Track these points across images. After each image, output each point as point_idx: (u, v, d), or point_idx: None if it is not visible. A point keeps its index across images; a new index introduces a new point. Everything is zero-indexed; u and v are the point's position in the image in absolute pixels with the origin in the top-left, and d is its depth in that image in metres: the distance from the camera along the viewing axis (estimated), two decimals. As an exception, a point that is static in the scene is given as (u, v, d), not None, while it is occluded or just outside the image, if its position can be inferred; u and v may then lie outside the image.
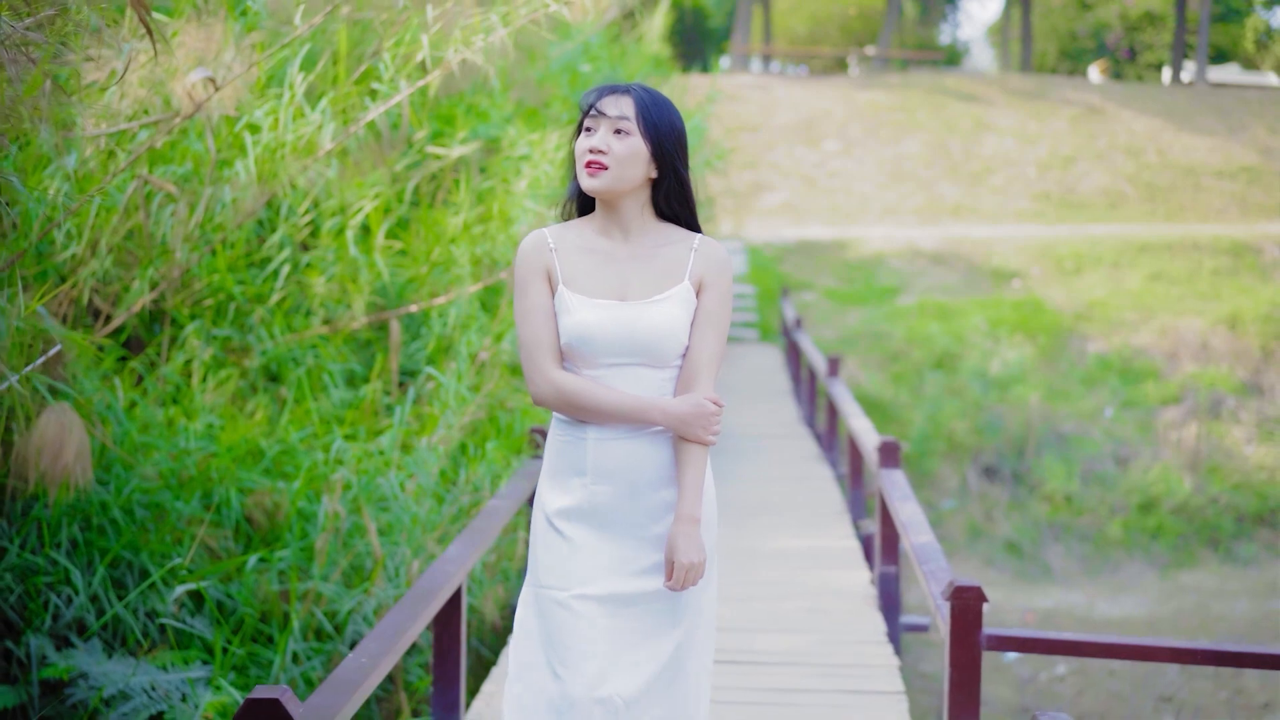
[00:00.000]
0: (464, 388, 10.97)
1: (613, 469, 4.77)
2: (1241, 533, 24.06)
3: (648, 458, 4.77)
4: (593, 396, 4.72)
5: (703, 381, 4.77)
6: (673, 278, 4.81)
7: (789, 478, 15.67)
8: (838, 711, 7.86)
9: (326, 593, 8.92)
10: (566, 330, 4.74)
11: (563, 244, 4.84)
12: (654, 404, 4.71)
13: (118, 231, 9.76)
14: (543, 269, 4.80)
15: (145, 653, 8.39)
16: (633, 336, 4.73)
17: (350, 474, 9.60)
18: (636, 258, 4.83)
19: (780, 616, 9.81)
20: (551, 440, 4.93)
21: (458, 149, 12.28)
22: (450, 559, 6.87)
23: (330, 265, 11.39)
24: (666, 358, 4.77)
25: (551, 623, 4.75)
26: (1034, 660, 18.84)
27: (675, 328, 4.74)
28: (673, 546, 4.65)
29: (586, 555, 4.76)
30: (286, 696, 4.37)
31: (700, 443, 4.72)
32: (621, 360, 4.75)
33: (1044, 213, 38.31)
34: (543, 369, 4.77)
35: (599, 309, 4.73)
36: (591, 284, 4.79)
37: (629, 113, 4.73)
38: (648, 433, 4.78)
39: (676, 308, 4.76)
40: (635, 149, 4.73)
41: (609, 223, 4.84)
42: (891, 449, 9.91)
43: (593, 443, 4.77)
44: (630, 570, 4.76)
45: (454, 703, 7.07)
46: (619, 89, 4.79)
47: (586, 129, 4.77)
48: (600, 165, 4.70)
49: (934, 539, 7.54)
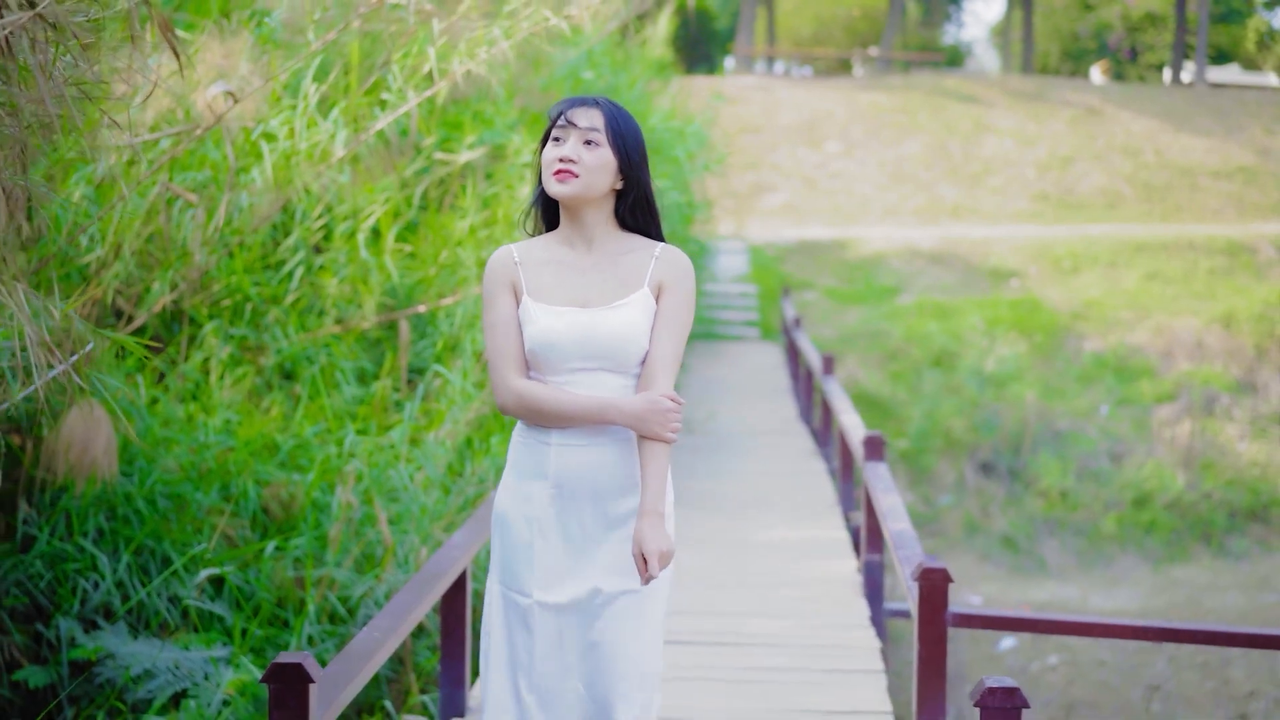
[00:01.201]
0: (470, 385, 11.21)
1: (574, 474, 4.86)
2: (1234, 528, 24.25)
3: (609, 464, 4.87)
4: (552, 400, 4.81)
5: (660, 381, 4.83)
6: (633, 284, 4.90)
7: (784, 472, 15.96)
8: (820, 689, 8.28)
9: (340, 578, 9.19)
10: (531, 338, 4.85)
11: (527, 258, 4.95)
12: (611, 404, 4.79)
13: (140, 235, 10.10)
14: (508, 282, 4.92)
15: (169, 635, 8.78)
16: (594, 341, 4.82)
17: (362, 466, 9.87)
18: (599, 266, 4.93)
19: (769, 602, 10.21)
20: (514, 445, 5.03)
21: (465, 155, 12.51)
22: (456, 545, 7.28)
23: (342, 267, 11.65)
24: (628, 362, 4.86)
25: (512, 625, 4.91)
26: (1026, 651, 19.17)
27: (635, 333, 4.83)
28: (640, 538, 4.70)
29: (545, 560, 4.87)
30: (309, 661, 4.81)
31: (659, 439, 4.78)
32: (584, 365, 4.84)
33: (1042, 213, 38.26)
34: (505, 378, 4.88)
35: (561, 316, 4.84)
36: (554, 293, 4.89)
37: (598, 124, 4.82)
38: (610, 440, 4.87)
39: (636, 313, 4.86)
40: (604, 160, 4.82)
41: (573, 233, 4.94)
42: (876, 443, 10.37)
43: (555, 448, 4.87)
44: (586, 576, 4.86)
45: (460, 677, 7.53)
46: (588, 101, 4.87)
47: (555, 139, 4.84)
48: (570, 173, 4.79)
49: (910, 527, 8.01)
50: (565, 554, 4.87)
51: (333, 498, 9.75)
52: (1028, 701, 4.82)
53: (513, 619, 4.90)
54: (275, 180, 10.83)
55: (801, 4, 69.41)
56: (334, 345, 11.47)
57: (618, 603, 4.84)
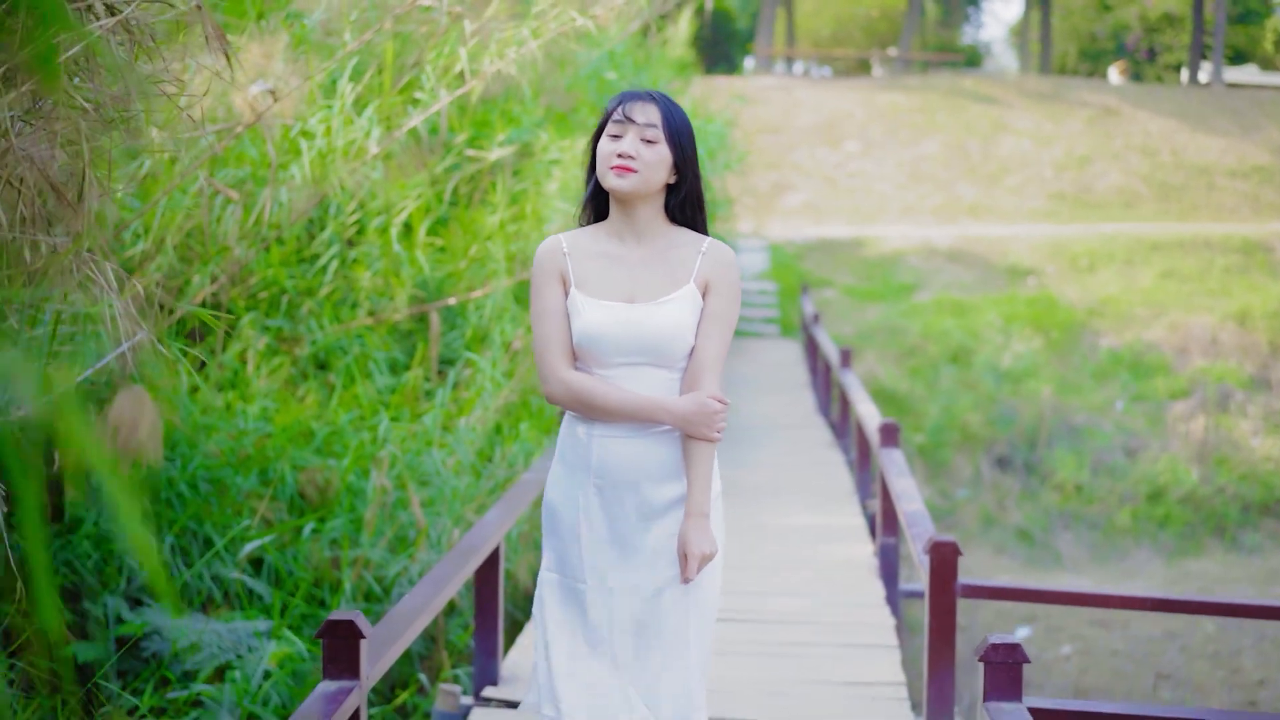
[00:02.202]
0: (499, 373, 11.53)
1: (617, 466, 4.89)
2: (1247, 522, 24.42)
3: (651, 457, 4.90)
4: (602, 395, 4.82)
5: (707, 380, 4.87)
6: (679, 280, 4.92)
7: (803, 463, 16.24)
8: (838, 661, 8.66)
9: (374, 558, 9.50)
10: (577, 331, 4.86)
11: (576, 249, 4.96)
12: (660, 403, 4.82)
13: (181, 230, 10.47)
14: (556, 272, 4.92)
15: (212, 612, 9.13)
16: (640, 337, 4.84)
17: (396, 451, 10.16)
18: (646, 260, 4.94)
19: (789, 583, 10.56)
20: (561, 436, 5.07)
21: (495, 152, 12.78)
22: (489, 523, 7.68)
23: (375, 261, 11.92)
24: (673, 358, 4.89)
25: (569, 611, 4.97)
26: (1040, 640, 19.42)
27: (681, 329, 4.86)
28: (685, 540, 4.80)
29: (594, 548, 4.93)
30: (359, 619, 5.17)
31: (706, 440, 4.83)
32: (630, 360, 4.86)
33: (1059, 212, 38.30)
34: (555, 368, 4.89)
35: (607, 310, 4.86)
36: (602, 286, 4.91)
37: (656, 121, 4.84)
38: (652, 432, 4.90)
39: (682, 309, 4.88)
40: (661, 156, 4.84)
41: (623, 226, 4.95)
42: (890, 430, 10.72)
43: (599, 440, 4.90)
44: (632, 565, 4.92)
45: (492, 648, 7.93)
46: (645, 97, 4.88)
47: (613, 134, 4.86)
48: (629, 169, 4.81)
49: (923, 508, 8.36)
50: (611, 543, 4.93)
51: (367, 482, 10.02)
52: (1028, 657, 5.15)
53: (569, 604, 4.96)
54: (312, 176, 11.09)
55: (821, 5, 69.31)
56: (367, 336, 11.72)
57: (665, 593, 4.91)
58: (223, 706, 8.02)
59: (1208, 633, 19.98)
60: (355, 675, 5.13)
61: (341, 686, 5.08)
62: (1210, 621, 20.19)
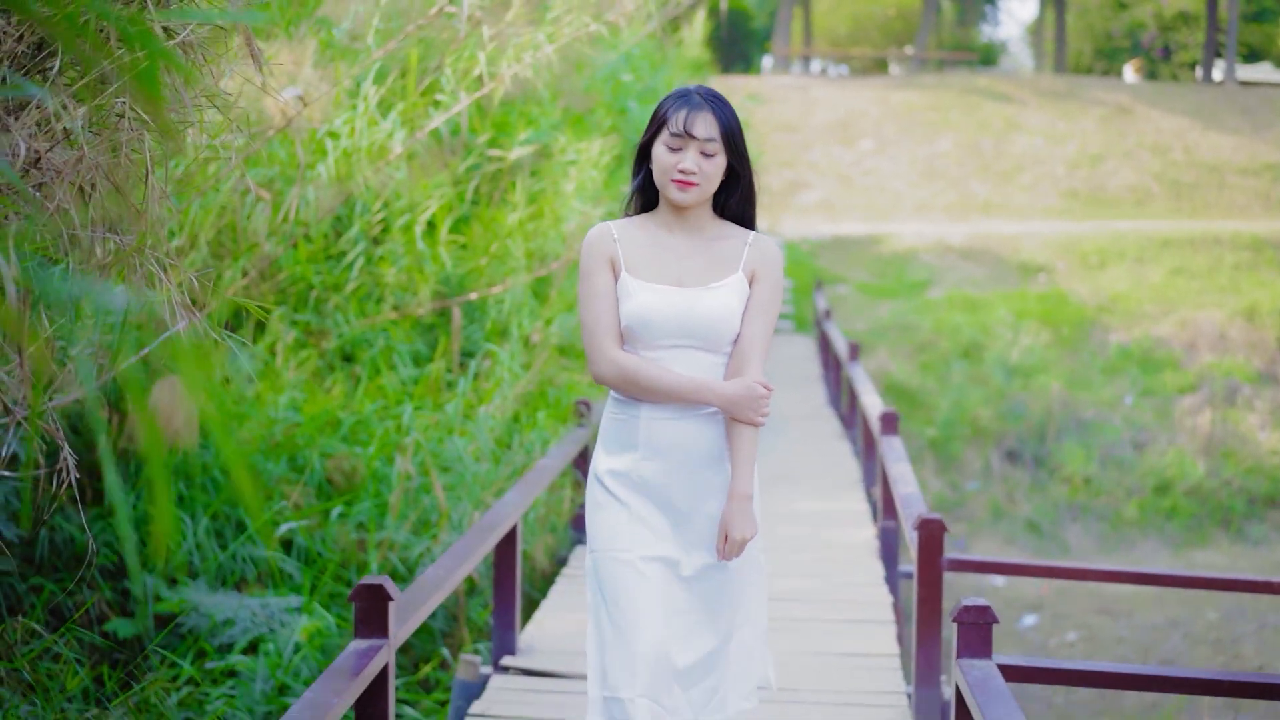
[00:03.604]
0: (517, 365, 11.97)
1: (663, 446, 4.99)
2: (1252, 514, 24.69)
3: (697, 437, 4.99)
4: (651, 376, 4.91)
5: (753, 366, 4.96)
6: (727, 268, 5.03)
7: (812, 452, 16.65)
8: (838, 635, 9.15)
9: (399, 540, 9.93)
10: (627, 313, 4.95)
11: (625, 236, 5.05)
12: (708, 385, 4.91)
13: (213, 227, 10.91)
14: (606, 257, 5.02)
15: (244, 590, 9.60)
16: (689, 320, 4.94)
17: (419, 438, 10.57)
18: (695, 248, 5.05)
19: (793, 564, 11.00)
20: (606, 417, 5.16)
21: (516, 151, 13.17)
22: (508, 502, 8.19)
23: (399, 257, 12.30)
24: (720, 342, 4.98)
25: (615, 584, 4.98)
26: (1046, 628, 19.79)
27: (728, 314, 4.96)
28: (728, 521, 4.89)
29: (644, 523, 5.00)
30: (388, 583, 5.63)
31: (750, 423, 4.92)
32: (677, 342, 4.95)
33: (1072, 209, 38.43)
34: (604, 349, 4.97)
35: (658, 293, 4.95)
36: (651, 271, 5.01)
37: (715, 134, 4.91)
38: (697, 413, 4.99)
39: (730, 295, 4.98)
40: (720, 166, 4.95)
41: (673, 219, 5.06)
42: (890, 419, 11.18)
43: (645, 420, 4.99)
44: (681, 544, 5.02)
45: (510, 621, 8.42)
46: (703, 106, 4.92)
47: (672, 146, 4.92)
48: (691, 183, 4.91)
49: (917, 491, 8.82)
50: (660, 520, 5.02)
51: (392, 468, 10.42)
52: (996, 618, 5.62)
53: (619, 578, 5.00)
54: (338, 176, 11.51)
55: (838, 4, 69.33)
56: (391, 330, 12.13)
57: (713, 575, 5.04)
58: (257, 677, 8.45)
59: (1210, 620, 20.35)
60: (384, 635, 5.58)
61: (372, 644, 5.52)
62: (1213, 609, 20.53)
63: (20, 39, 4.15)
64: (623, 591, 4.97)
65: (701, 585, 5.03)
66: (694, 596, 5.03)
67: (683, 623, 5.01)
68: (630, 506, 5.02)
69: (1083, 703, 16.45)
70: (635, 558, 4.98)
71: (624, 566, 4.99)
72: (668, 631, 4.96)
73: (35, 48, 4.20)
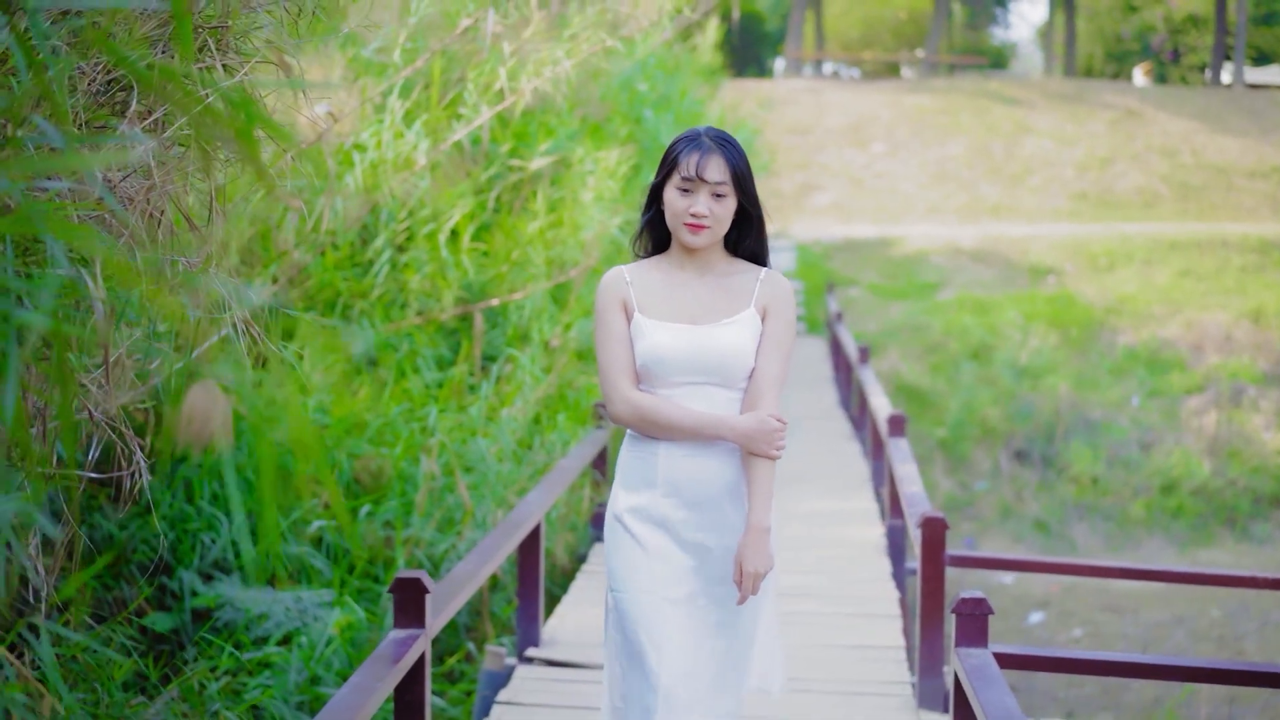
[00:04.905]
0: (538, 369, 12.28)
1: (682, 482, 4.98)
2: (1257, 513, 25.09)
3: (715, 473, 4.99)
4: (666, 413, 4.92)
5: (767, 400, 4.95)
6: (740, 304, 5.02)
7: (822, 452, 16.99)
8: (845, 629, 9.56)
9: (425, 537, 10.25)
10: (642, 353, 4.96)
11: (638, 278, 5.08)
12: (723, 420, 4.91)
13: (244, 235, 11.23)
14: (619, 300, 5.04)
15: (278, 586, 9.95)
16: (703, 356, 4.94)
17: (444, 439, 10.90)
18: (707, 286, 5.05)
19: (803, 561, 11.38)
20: (624, 455, 5.16)
21: (537, 161, 13.46)
22: (532, 501, 8.57)
23: (423, 264, 12.56)
24: (734, 377, 4.98)
25: (638, 620, 4.99)
26: (1052, 625, 20.10)
27: (742, 349, 4.96)
28: (742, 554, 4.85)
29: (665, 561, 5.00)
30: (425, 577, 6.00)
31: (766, 456, 4.91)
32: (693, 379, 4.96)
33: (1080, 212, 38.73)
34: (620, 390, 4.99)
35: (671, 331, 4.96)
36: (665, 310, 5.02)
37: (726, 177, 4.92)
38: (715, 450, 4.98)
39: (743, 330, 4.98)
40: (730, 208, 4.97)
41: (684, 258, 5.09)
42: (898, 421, 11.55)
43: (663, 457, 5.00)
44: (702, 580, 5.00)
45: (534, 614, 8.83)
46: (713, 150, 4.95)
47: (682, 188, 4.94)
48: (703, 227, 4.94)
49: (921, 490, 9.21)
50: (678, 556, 5.02)
51: (417, 469, 10.74)
52: (992, 609, 6.00)
53: (640, 619, 5.00)
54: (365, 186, 11.77)
55: (849, 7, 69.41)
56: (415, 335, 12.39)
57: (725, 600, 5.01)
58: (290, 668, 8.81)
59: (1213, 618, 20.68)
60: (421, 624, 5.95)
61: (410, 633, 5.89)
62: (1216, 607, 20.82)
63: (94, 80, 4.56)
64: (645, 627, 5.00)
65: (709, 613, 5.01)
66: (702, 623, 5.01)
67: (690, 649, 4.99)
68: (649, 546, 5.03)
69: (1087, 697, 16.78)
70: (658, 598, 4.99)
71: (646, 604, 5.01)
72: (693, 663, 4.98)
73: (107, 84, 4.61)
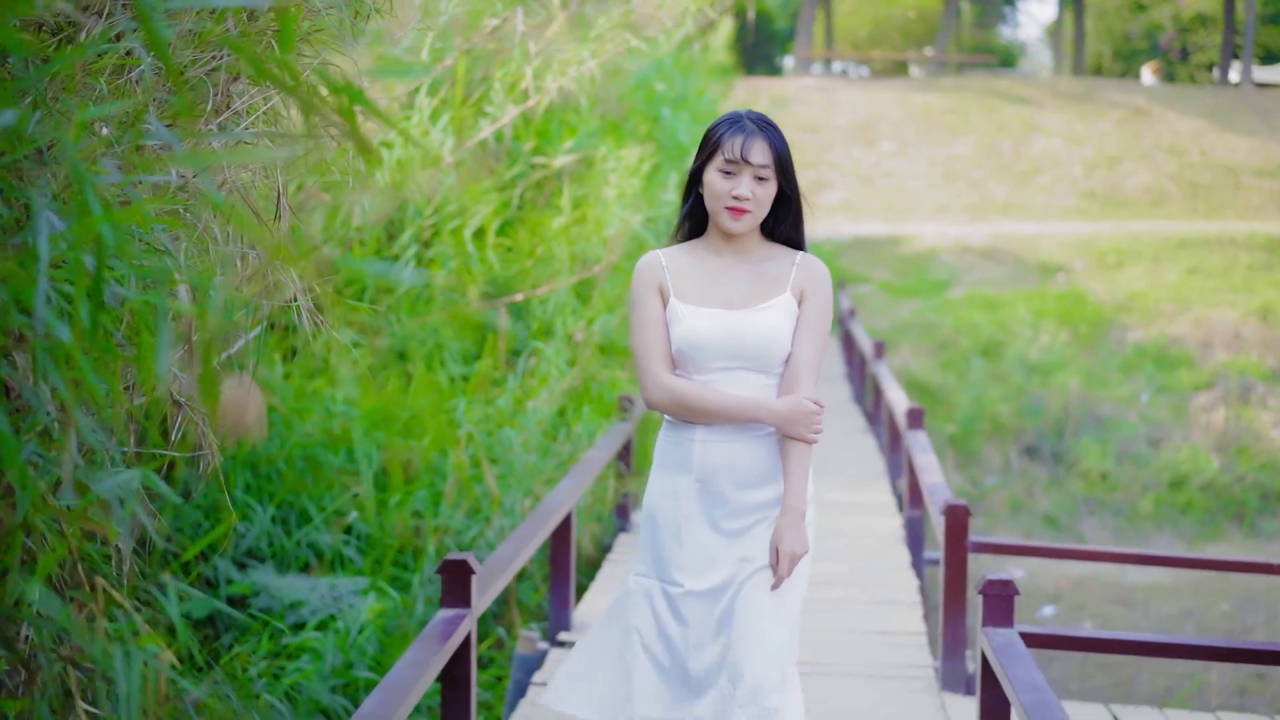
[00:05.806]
0: (562, 361, 12.51)
1: (717, 467, 4.94)
2: (1265, 509, 25.19)
3: (751, 457, 4.94)
4: (701, 398, 4.88)
5: (804, 384, 4.88)
6: (776, 289, 4.97)
7: (838, 445, 17.06)
8: (867, 615, 9.80)
9: (453, 526, 10.46)
10: (678, 338, 4.93)
11: (674, 262, 5.04)
12: (759, 404, 4.85)
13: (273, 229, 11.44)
14: (655, 284, 5.01)
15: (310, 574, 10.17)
16: (739, 341, 4.89)
17: (472, 430, 11.09)
18: (743, 270, 5.00)
19: (824, 550, 11.46)
20: (661, 441, 5.14)
21: (560, 159, 13.70)
22: (563, 490, 8.84)
23: (449, 260, 12.80)
24: (771, 362, 4.93)
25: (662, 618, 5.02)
26: (1064, 617, 20.26)
27: (779, 333, 4.91)
28: (779, 537, 4.83)
29: (693, 548, 4.97)
30: (470, 559, 6.22)
31: (803, 440, 4.85)
32: (729, 364, 4.91)
33: (1089, 210, 38.76)
34: (655, 375, 4.95)
35: (708, 317, 4.92)
36: (700, 295, 4.98)
37: (769, 160, 4.87)
38: (750, 434, 4.93)
39: (780, 315, 4.93)
40: (772, 192, 4.92)
41: (722, 244, 5.04)
42: (916, 414, 11.78)
43: (699, 443, 4.95)
44: (731, 561, 4.94)
45: (565, 599, 9.08)
46: (756, 134, 4.90)
47: (725, 171, 4.89)
48: (745, 210, 4.89)
49: (942, 480, 9.44)
50: (711, 542, 4.97)
51: (445, 459, 10.96)
52: (1018, 590, 6.22)
53: (663, 612, 5.03)
54: (392, 183, 11.96)
55: (859, 6, 69.44)
56: (441, 329, 12.60)
57: (756, 577, 4.91)
58: (326, 653, 9.03)
59: (1223, 610, 20.85)
60: (468, 604, 6.16)
61: (457, 613, 6.10)
62: (1225, 600, 20.98)
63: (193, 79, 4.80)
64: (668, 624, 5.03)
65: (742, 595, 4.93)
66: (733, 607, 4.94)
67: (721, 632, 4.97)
68: (681, 534, 4.99)
69: (1099, 688, 16.96)
70: (684, 591, 4.98)
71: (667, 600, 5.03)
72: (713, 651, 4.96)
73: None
